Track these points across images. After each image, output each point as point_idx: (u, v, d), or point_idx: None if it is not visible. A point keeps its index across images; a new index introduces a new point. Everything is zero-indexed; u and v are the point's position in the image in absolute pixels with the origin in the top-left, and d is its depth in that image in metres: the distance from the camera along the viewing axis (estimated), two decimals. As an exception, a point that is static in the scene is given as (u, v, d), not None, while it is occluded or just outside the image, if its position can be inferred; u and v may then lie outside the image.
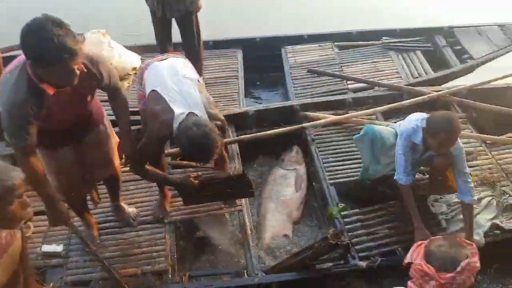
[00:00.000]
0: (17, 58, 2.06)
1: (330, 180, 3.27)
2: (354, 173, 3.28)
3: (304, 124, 3.68)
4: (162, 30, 3.99)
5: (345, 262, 2.71)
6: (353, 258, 2.72)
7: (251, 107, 3.97)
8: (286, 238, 3.11)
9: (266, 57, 4.90)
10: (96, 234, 2.84)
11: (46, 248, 2.76)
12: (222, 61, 4.67)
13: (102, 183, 2.81)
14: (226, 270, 2.86)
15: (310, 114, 3.77)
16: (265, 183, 3.49)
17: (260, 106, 4.06)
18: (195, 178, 2.58)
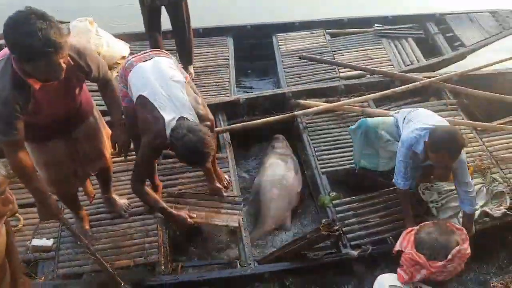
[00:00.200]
0: (2, 50, 2.01)
1: (322, 169, 3.27)
2: (346, 161, 3.28)
3: (296, 112, 3.65)
4: (151, 18, 3.92)
5: (337, 251, 2.73)
6: (344, 247, 2.73)
7: (242, 95, 3.94)
8: (285, 226, 3.15)
9: (257, 45, 4.86)
10: (87, 227, 2.82)
11: (36, 242, 2.74)
12: (212, 49, 4.63)
13: (93, 175, 2.78)
14: (219, 260, 2.87)
15: (302, 101, 3.74)
16: (263, 169, 3.40)
17: (251, 94, 4.03)
18: (190, 217, 2.78)
